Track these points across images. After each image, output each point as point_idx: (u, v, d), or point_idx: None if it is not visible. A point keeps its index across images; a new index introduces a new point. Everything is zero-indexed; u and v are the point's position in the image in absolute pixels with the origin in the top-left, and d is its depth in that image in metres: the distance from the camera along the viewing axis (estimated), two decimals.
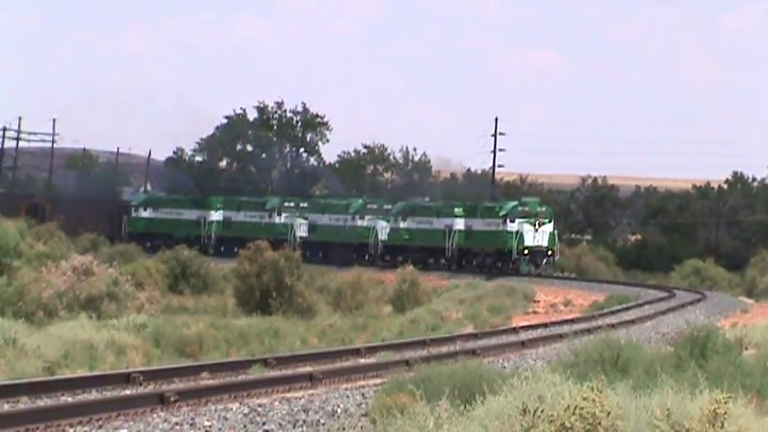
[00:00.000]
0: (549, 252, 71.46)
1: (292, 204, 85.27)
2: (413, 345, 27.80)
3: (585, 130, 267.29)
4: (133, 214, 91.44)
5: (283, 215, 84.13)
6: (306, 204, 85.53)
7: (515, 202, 74.34)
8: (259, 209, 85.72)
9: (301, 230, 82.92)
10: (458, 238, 74.34)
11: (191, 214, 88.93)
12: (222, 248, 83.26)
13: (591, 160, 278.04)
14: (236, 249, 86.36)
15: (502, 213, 72.02)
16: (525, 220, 70.94)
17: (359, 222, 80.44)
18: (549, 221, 72.01)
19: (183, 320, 31.66)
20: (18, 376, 19.47)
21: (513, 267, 70.83)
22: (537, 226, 70.85)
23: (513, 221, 71.01)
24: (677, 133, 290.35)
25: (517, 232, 70.64)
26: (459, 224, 74.69)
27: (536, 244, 70.88)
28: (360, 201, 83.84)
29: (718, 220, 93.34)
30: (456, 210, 75.83)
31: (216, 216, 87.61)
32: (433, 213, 77.37)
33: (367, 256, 77.91)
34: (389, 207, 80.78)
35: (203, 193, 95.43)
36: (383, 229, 79.37)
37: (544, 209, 72.90)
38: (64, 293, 32.80)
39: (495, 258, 72.71)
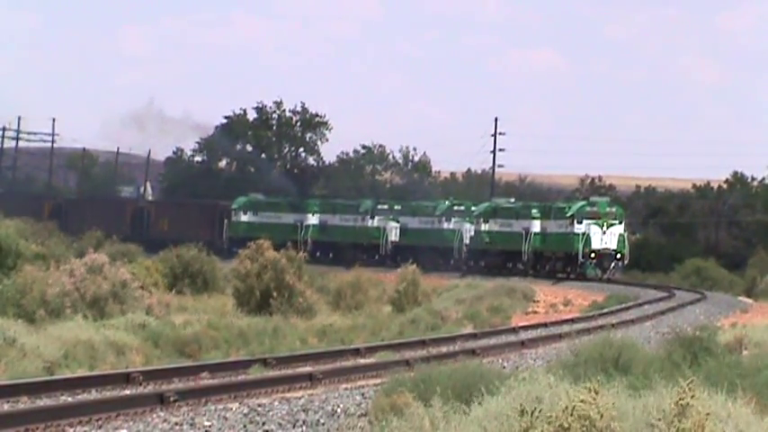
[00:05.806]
0: (618, 255, 68.34)
1: (386, 207, 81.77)
2: (413, 345, 27.84)
3: (585, 130, 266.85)
4: (233, 218, 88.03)
5: (376, 218, 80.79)
6: (399, 207, 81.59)
7: (583, 202, 71.84)
8: (353, 212, 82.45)
9: (393, 234, 79.84)
10: (533, 241, 71.28)
11: (288, 218, 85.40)
12: (318, 253, 79.30)
13: (591, 160, 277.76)
14: (330, 255, 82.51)
15: (569, 214, 69.15)
16: (593, 221, 67.84)
17: (444, 225, 77.10)
18: (620, 223, 68.95)
19: (185, 319, 31.67)
20: (18, 376, 19.48)
21: (579, 272, 68.00)
22: (605, 227, 67.81)
23: (580, 222, 68.04)
24: (677, 133, 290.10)
25: (584, 234, 67.59)
26: (536, 226, 71.33)
27: (603, 247, 67.78)
28: (446, 202, 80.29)
29: (718, 220, 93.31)
30: (533, 211, 72.45)
31: (313, 220, 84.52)
32: (513, 215, 73.86)
33: (452, 261, 74.10)
34: (475, 209, 77.11)
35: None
36: (468, 231, 75.68)
37: (614, 209, 69.93)
38: (68, 293, 32.69)
39: (564, 262, 70.02)
